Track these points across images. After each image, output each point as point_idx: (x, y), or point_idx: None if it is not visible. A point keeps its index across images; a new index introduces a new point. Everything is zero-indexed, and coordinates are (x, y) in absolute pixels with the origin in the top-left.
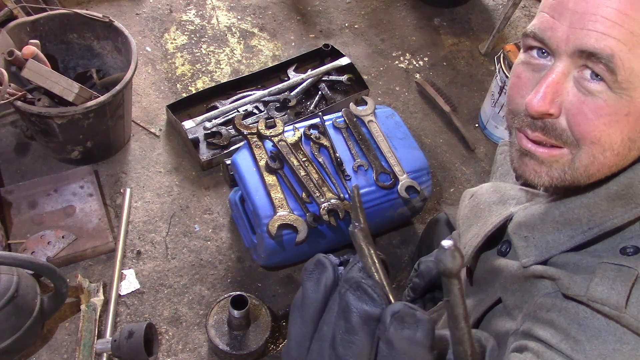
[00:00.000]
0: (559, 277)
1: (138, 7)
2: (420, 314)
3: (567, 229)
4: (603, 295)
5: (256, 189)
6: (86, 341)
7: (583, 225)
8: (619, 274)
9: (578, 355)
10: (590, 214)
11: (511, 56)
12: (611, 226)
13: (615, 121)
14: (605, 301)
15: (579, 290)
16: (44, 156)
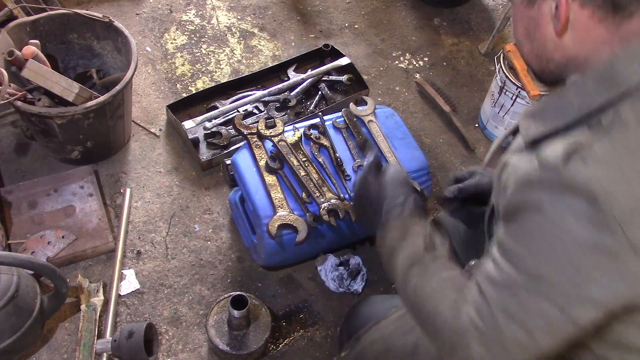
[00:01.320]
0: (524, 129)
1: (138, 7)
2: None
3: (561, 110)
4: (547, 154)
5: (256, 189)
6: (86, 341)
7: (574, 107)
8: (563, 141)
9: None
10: (580, 96)
11: (511, 56)
12: (597, 105)
13: (514, 22)
14: (546, 160)
15: (532, 138)
16: (44, 156)
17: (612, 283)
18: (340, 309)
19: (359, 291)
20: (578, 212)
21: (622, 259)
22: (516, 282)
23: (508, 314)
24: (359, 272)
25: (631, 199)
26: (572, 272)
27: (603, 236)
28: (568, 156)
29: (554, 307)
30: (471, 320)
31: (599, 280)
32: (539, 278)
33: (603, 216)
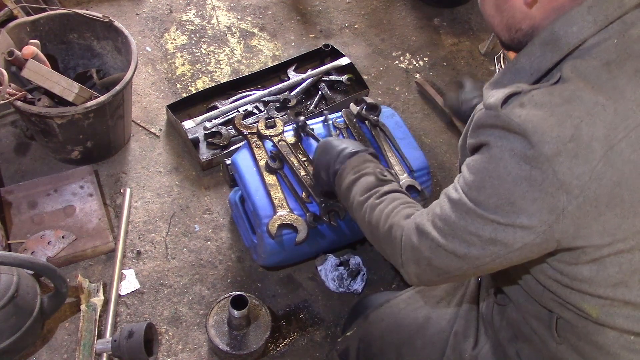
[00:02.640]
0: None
1: (138, 7)
2: None
3: (517, 76)
4: (490, 99)
5: (256, 189)
6: (86, 341)
7: (527, 71)
8: (505, 89)
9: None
10: (530, 61)
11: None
12: (545, 68)
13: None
14: (488, 102)
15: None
16: (44, 156)
17: (541, 213)
18: (340, 309)
19: (359, 291)
20: (514, 149)
21: (550, 193)
22: (463, 203)
23: (453, 229)
24: (359, 272)
25: (561, 140)
26: (506, 201)
27: (533, 171)
28: (507, 99)
29: (489, 228)
30: (422, 225)
31: (529, 210)
32: (479, 203)
33: (534, 153)
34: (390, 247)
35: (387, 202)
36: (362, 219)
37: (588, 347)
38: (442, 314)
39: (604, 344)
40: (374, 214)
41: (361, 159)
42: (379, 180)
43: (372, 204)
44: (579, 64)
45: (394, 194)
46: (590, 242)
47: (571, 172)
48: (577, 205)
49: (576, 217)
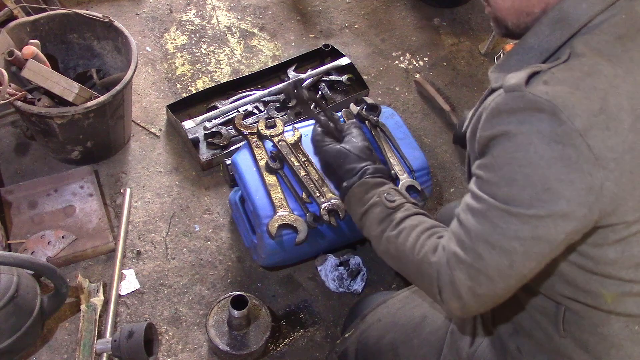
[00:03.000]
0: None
1: (138, 7)
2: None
3: (525, 56)
4: (510, 79)
5: (256, 189)
6: (86, 341)
7: (535, 51)
8: (525, 69)
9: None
10: (539, 40)
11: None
12: (555, 46)
13: None
14: (509, 83)
15: (499, 83)
16: (44, 156)
17: (580, 194)
18: (340, 309)
19: (359, 291)
20: (542, 130)
21: (587, 170)
22: (492, 209)
23: (488, 243)
24: (359, 272)
25: (590, 112)
26: (541, 189)
27: (567, 149)
28: (529, 78)
29: (528, 227)
30: (454, 253)
31: (567, 194)
32: (512, 200)
33: (565, 129)
34: (425, 285)
35: (405, 233)
36: (384, 253)
37: (592, 339)
38: (438, 313)
39: (608, 334)
40: (396, 248)
41: (364, 188)
42: (387, 209)
43: (389, 237)
44: (591, 40)
45: (409, 221)
46: (623, 218)
47: (605, 144)
48: (614, 180)
49: (614, 192)
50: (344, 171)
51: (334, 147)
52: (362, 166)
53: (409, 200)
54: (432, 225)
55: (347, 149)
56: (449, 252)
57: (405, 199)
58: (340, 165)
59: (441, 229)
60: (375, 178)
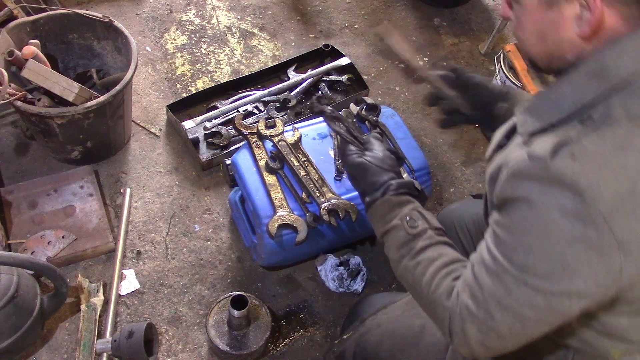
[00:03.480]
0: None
1: (138, 7)
2: None
3: (556, 104)
4: (536, 147)
5: (256, 189)
6: (86, 341)
7: (568, 100)
8: (553, 135)
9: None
10: (573, 90)
11: (511, 56)
12: (589, 99)
13: (520, 22)
14: (535, 152)
15: (525, 131)
16: (44, 156)
17: (598, 276)
18: (340, 309)
19: (359, 291)
20: (564, 206)
21: (607, 254)
22: (507, 272)
23: (501, 304)
24: (359, 272)
25: (617, 195)
26: (559, 265)
27: (588, 231)
28: (556, 150)
29: (542, 299)
30: (467, 306)
31: (585, 274)
32: (528, 270)
33: (589, 211)
34: (436, 322)
35: (422, 267)
36: (400, 277)
37: None
38: None
39: None
40: (412, 279)
41: (386, 206)
42: (408, 235)
43: (407, 266)
44: (629, 101)
45: (428, 252)
46: (638, 294)
47: (629, 229)
48: (635, 264)
49: (633, 274)
50: (367, 184)
51: (356, 159)
52: (384, 180)
53: (431, 225)
54: (451, 260)
55: (369, 160)
56: (462, 303)
57: (428, 223)
58: (363, 178)
59: (459, 266)
60: (399, 196)
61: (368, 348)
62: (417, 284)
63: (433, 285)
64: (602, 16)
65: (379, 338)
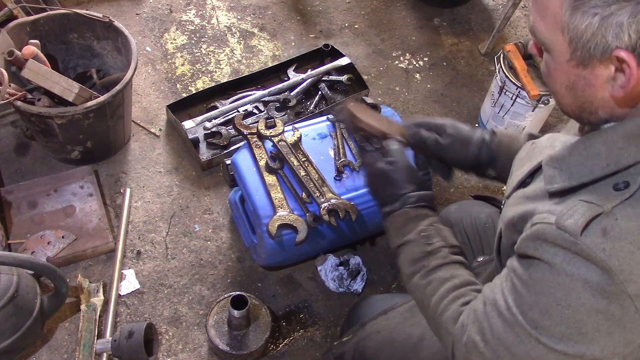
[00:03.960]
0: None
1: (138, 7)
2: None
3: (589, 163)
4: (566, 217)
5: (256, 189)
6: (86, 341)
7: (602, 161)
8: (585, 210)
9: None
10: (608, 150)
11: (511, 56)
12: (625, 164)
13: (550, 72)
14: (565, 224)
15: (557, 190)
16: (44, 156)
17: (617, 346)
18: (340, 309)
19: (359, 291)
20: (589, 281)
21: (629, 328)
22: (521, 325)
23: (510, 351)
24: (359, 272)
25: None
26: (576, 331)
27: (612, 306)
28: (588, 224)
29: (554, 356)
30: (474, 341)
31: (602, 343)
32: (542, 330)
33: (615, 290)
34: (440, 340)
35: (432, 287)
36: (410, 292)
37: None
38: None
39: None
40: (421, 298)
41: (403, 218)
42: (423, 252)
43: (418, 285)
44: None
45: (440, 272)
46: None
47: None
48: None
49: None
50: (386, 194)
51: (376, 167)
52: (403, 192)
53: (447, 243)
54: (462, 283)
55: (389, 170)
56: (469, 337)
57: (445, 241)
58: (383, 188)
59: (470, 290)
60: (417, 209)
61: (367, 354)
62: (426, 303)
63: (440, 308)
64: (637, 82)
65: (378, 345)
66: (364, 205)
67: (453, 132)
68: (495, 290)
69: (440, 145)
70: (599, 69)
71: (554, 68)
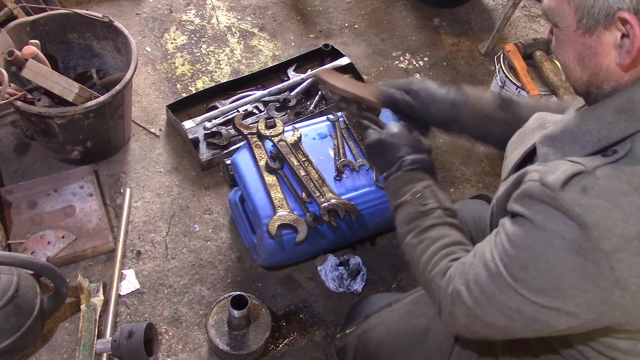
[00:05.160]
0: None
1: (138, 7)
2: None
3: (581, 140)
4: (547, 178)
5: (256, 189)
6: (86, 341)
7: (593, 137)
8: (567, 166)
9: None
10: (599, 126)
11: (511, 56)
12: (616, 139)
13: (560, 45)
14: (547, 179)
15: (543, 162)
16: (44, 156)
17: (591, 304)
18: (340, 309)
19: (359, 291)
20: (566, 237)
21: (604, 287)
22: (502, 276)
23: (491, 300)
24: (359, 272)
25: (624, 237)
26: (552, 286)
27: (587, 263)
28: (569, 180)
29: (531, 308)
30: (458, 291)
31: (577, 299)
32: (520, 282)
33: (590, 247)
34: (430, 298)
35: (424, 245)
36: (404, 252)
37: None
38: (441, 327)
39: None
40: (414, 256)
41: (400, 181)
42: (417, 212)
43: (411, 243)
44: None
45: (433, 232)
46: (636, 327)
47: (631, 270)
48: (632, 301)
49: (629, 310)
50: (384, 161)
51: (373, 137)
52: (400, 156)
53: (442, 205)
54: (453, 242)
55: (384, 137)
56: (454, 287)
57: (439, 202)
58: (380, 156)
59: (459, 249)
60: (412, 172)
61: (370, 345)
62: (417, 262)
63: (431, 264)
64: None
65: (382, 336)
66: (364, 205)
67: (422, 93)
68: (485, 245)
69: (411, 105)
70: (604, 35)
71: (562, 39)
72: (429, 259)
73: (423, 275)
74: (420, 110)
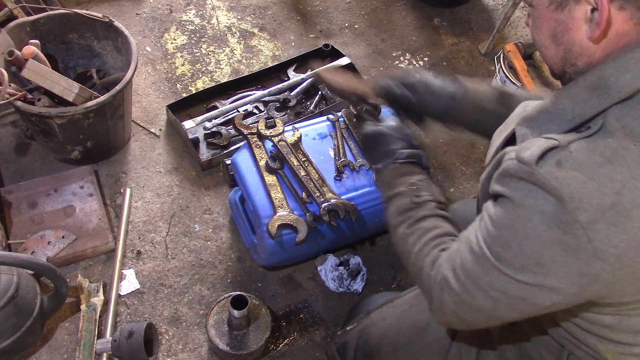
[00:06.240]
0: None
1: (138, 7)
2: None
3: (556, 119)
4: (523, 154)
5: (256, 189)
6: (86, 341)
7: (568, 115)
8: (542, 142)
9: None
10: (573, 104)
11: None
12: (589, 115)
13: (535, 25)
14: (522, 155)
15: (522, 142)
16: (44, 156)
17: (572, 277)
18: (340, 309)
19: (359, 291)
20: (545, 212)
21: (582, 259)
22: (486, 257)
23: (477, 283)
24: (359, 272)
25: (599, 207)
26: (534, 262)
27: (565, 236)
28: (544, 155)
29: (516, 287)
30: (446, 278)
31: (559, 273)
32: (504, 261)
33: (568, 219)
34: (423, 292)
35: (416, 236)
36: (395, 244)
37: None
38: None
39: None
40: (405, 247)
41: (394, 173)
42: (411, 204)
43: (403, 234)
44: (626, 116)
45: (425, 223)
46: (619, 300)
47: (608, 240)
48: (612, 272)
49: (610, 281)
50: (379, 152)
51: (369, 128)
52: (395, 148)
53: (435, 198)
54: (444, 233)
55: (381, 129)
56: (442, 274)
57: (432, 195)
58: (376, 146)
59: (450, 239)
60: (407, 165)
61: (371, 341)
62: (409, 253)
63: (422, 255)
64: (610, 16)
65: (383, 331)
66: (364, 205)
67: (420, 86)
68: (470, 230)
69: (410, 101)
70: (575, 10)
71: (537, 17)
72: (420, 249)
73: (415, 265)
74: (417, 103)
